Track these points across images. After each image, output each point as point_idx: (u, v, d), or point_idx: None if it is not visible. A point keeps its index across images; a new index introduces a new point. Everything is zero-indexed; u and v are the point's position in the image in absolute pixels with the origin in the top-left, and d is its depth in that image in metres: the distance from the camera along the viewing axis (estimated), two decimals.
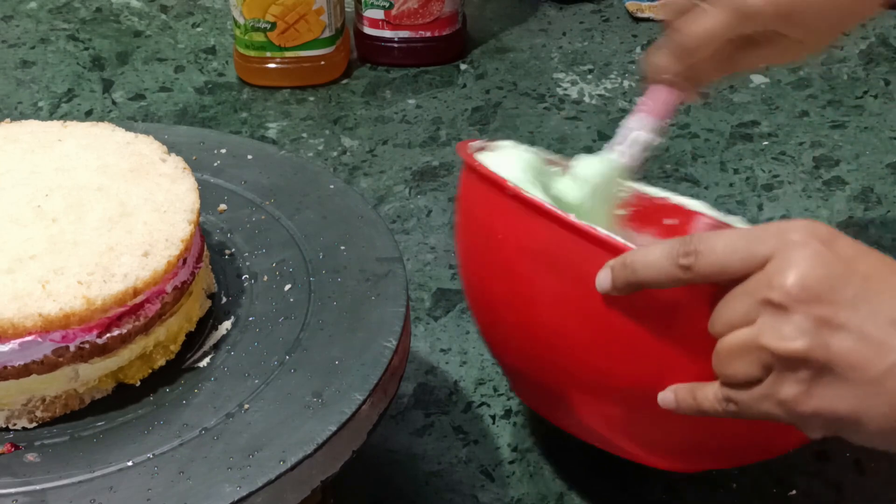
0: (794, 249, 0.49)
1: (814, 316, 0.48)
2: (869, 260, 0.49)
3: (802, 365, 0.48)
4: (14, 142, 0.63)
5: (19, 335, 0.52)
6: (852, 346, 0.47)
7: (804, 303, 0.48)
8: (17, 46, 1.21)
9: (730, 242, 0.50)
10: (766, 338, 0.49)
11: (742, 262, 0.50)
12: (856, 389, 0.48)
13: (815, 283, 0.48)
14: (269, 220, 0.67)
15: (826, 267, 0.48)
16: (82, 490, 0.50)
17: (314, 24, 1.10)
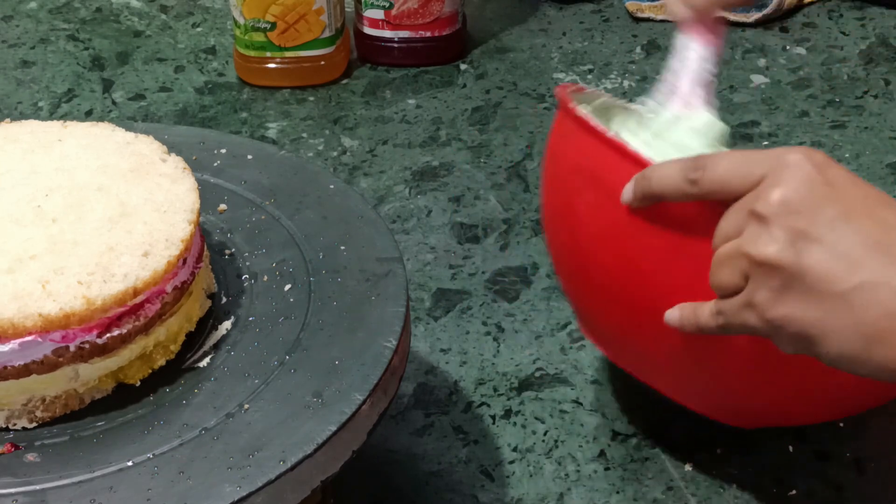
0: (786, 169, 0.51)
1: (791, 227, 0.50)
2: (857, 189, 0.51)
3: (776, 272, 0.51)
4: (14, 142, 0.63)
5: (19, 335, 0.52)
6: (823, 259, 0.50)
7: (784, 215, 0.50)
8: (17, 46, 1.21)
9: (733, 161, 0.54)
10: (746, 245, 0.52)
11: (741, 179, 0.53)
12: (823, 302, 0.50)
13: (797, 199, 0.50)
14: (269, 220, 0.67)
15: (811, 186, 0.51)
16: (82, 490, 0.50)
17: (314, 24, 1.10)
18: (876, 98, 1.09)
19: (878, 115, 1.07)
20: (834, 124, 1.05)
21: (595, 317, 0.68)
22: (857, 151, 1.01)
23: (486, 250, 0.91)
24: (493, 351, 0.81)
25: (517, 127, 1.06)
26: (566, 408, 0.76)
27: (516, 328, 0.83)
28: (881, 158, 1.01)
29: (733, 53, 1.18)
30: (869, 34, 1.20)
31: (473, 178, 0.99)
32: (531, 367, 0.79)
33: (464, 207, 0.96)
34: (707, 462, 0.71)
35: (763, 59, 1.17)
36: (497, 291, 0.86)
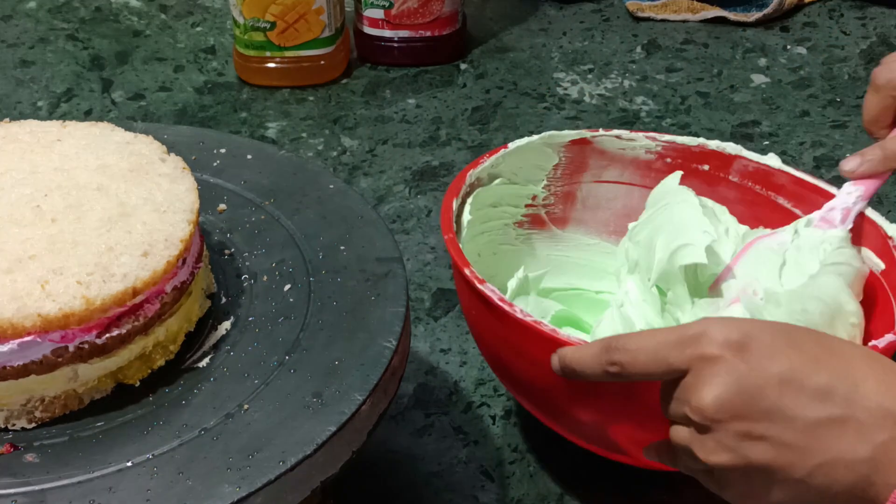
0: (707, 367, 0.51)
1: (733, 432, 0.50)
2: (783, 361, 0.50)
3: (735, 473, 0.51)
4: (13, 141, 0.63)
5: (18, 335, 0.52)
6: (774, 455, 0.50)
7: (722, 421, 0.50)
8: (17, 46, 1.21)
9: (649, 353, 0.53)
10: (696, 450, 0.52)
11: (664, 372, 0.53)
12: (788, 488, 0.50)
13: (729, 402, 0.50)
14: (268, 220, 0.67)
15: (739, 382, 0.50)
16: (81, 490, 0.50)
17: (314, 23, 1.10)
18: None
19: None
20: (834, 124, 1.05)
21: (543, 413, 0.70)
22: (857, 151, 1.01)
23: None
24: None
25: (517, 127, 1.06)
26: None
27: None
28: None
29: (734, 53, 1.18)
30: (870, 33, 1.20)
31: None
32: None
33: None
34: None
35: (764, 59, 1.17)
36: None
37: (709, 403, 0.50)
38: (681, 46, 1.20)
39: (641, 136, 0.78)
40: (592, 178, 0.80)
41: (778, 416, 0.49)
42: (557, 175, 0.79)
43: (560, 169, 0.78)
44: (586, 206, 0.81)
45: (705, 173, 0.77)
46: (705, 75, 1.14)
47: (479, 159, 0.74)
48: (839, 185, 0.72)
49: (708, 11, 1.24)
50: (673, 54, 1.18)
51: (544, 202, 0.80)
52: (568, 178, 0.79)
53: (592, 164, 0.79)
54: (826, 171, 0.98)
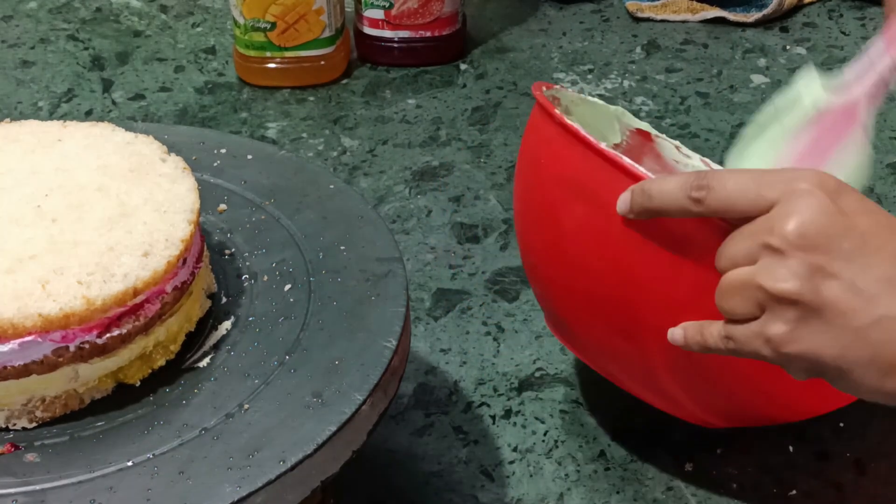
0: (799, 197, 0.50)
1: (808, 262, 0.49)
2: (872, 218, 0.50)
3: (792, 306, 0.50)
4: (14, 142, 0.63)
5: (19, 335, 0.52)
6: (841, 295, 0.49)
7: (801, 249, 0.50)
8: (17, 46, 1.21)
9: (741, 182, 0.52)
10: (761, 278, 0.51)
11: (750, 202, 0.52)
12: (840, 336, 0.50)
13: (813, 233, 0.50)
14: (268, 220, 0.67)
15: (827, 218, 0.50)
16: (82, 490, 0.50)
17: (314, 23, 1.10)
18: None
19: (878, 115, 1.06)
20: None
21: (576, 324, 0.67)
22: None
23: (486, 250, 0.91)
24: (493, 351, 0.81)
25: (517, 127, 1.06)
26: (566, 408, 0.76)
27: (516, 328, 0.83)
28: (881, 158, 1.01)
29: (733, 53, 1.18)
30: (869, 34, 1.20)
31: (473, 178, 0.99)
32: (531, 367, 0.79)
33: (464, 207, 0.96)
34: (707, 462, 0.71)
35: (763, 59, 1.17)
36: (497, 291, 0.86)
37: (793, 228, 0.49)
38: (680, 47, 1.20)
39: (697, 157, 0.76)
40: None
41: (857, 259, 0.49)
42: None
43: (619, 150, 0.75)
44: None
45: None
46: (705, 75, 1.14)
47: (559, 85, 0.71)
48: None
49: (707, 12, 1.24)
50: (672, 55, 1.18)
51: None
52: None
53: (645, 163, 0.77)
54: None
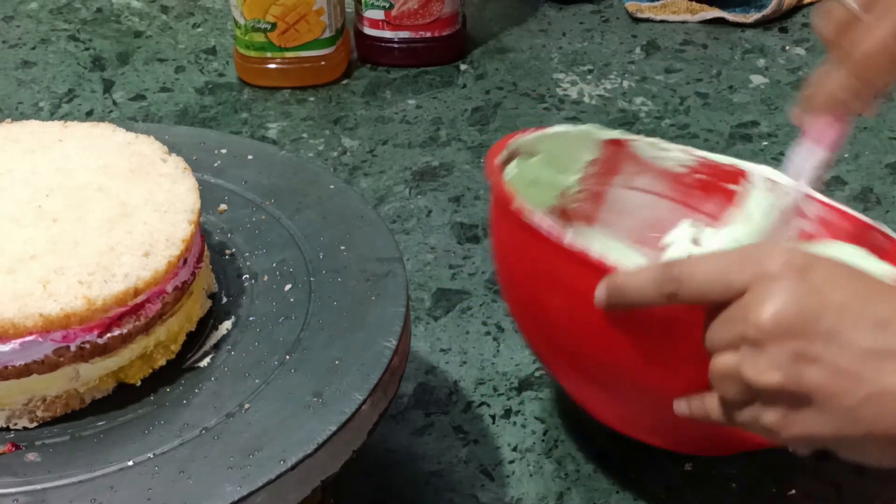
0: (768, 283, 0.50)
1: (788, 350, 0.49)
2: (845, 289, 0.50)
3: (779, 396, 0.50)
4: (15, 142, 0.63)
5: (20, 335, 0.52)
6: (826, 379, 0.49)
7: (778, 338, 0.49)
8: (18, 47, 1.21)
9: (709, 271, 0.52)
10: (744, 370, 0.50)
11: (722, 291, 0.51)
12: (833, 418, 0.49)
13: (788, 319, 0.49)
14: (269, 220, 0.67)
15: (799, 301, 0.49)
16: (83, 490, 0.50)
17: (314, 24, 1.11)
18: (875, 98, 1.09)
19: (877, 116, 1.07)
20: None
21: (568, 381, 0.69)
22: (856, 152, 1.02)
23: (486, 250, 0.91)
24: (493, 351, 0.81)
25: (517, 127, 1.06)
26: (566, 407, 0.76)
27: (516, 328, 0.83)
28: (880, 158, 1.01)
29: (732, 54, 1.18)
30: None
31: (473, 178, 0.99)
32: (531, 366, 0.79)
33: (464, 207, 0.96)
34: (707, 462, 0.71)
35: (762, 60, 1.17)
36: (497, 291, 0.86)
37: (768, 318, 0.49)
38: (680, 47, 1.20)
39: (676, 148, 0.77)
40: (624, 182, 0.78)
41: (835, 339, 0.48)
42: (591, 172, 0.77)
43: (595, 166, 0.77)
44: (614, 209, 0.79)
45: (734, 193, 0.76)
46: (704, 76, 1.14)
47: (524, 131, 0.72)
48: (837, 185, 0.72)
49: (707, 12, 1.24)
50: (672, 55, 1.18)
51: (574, 197, 0.78)
52: (601, 178, 0.78)
53: (625, 169, 0.78)
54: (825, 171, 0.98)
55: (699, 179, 0.77)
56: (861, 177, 0.98)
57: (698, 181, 0.78)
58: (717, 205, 0.77)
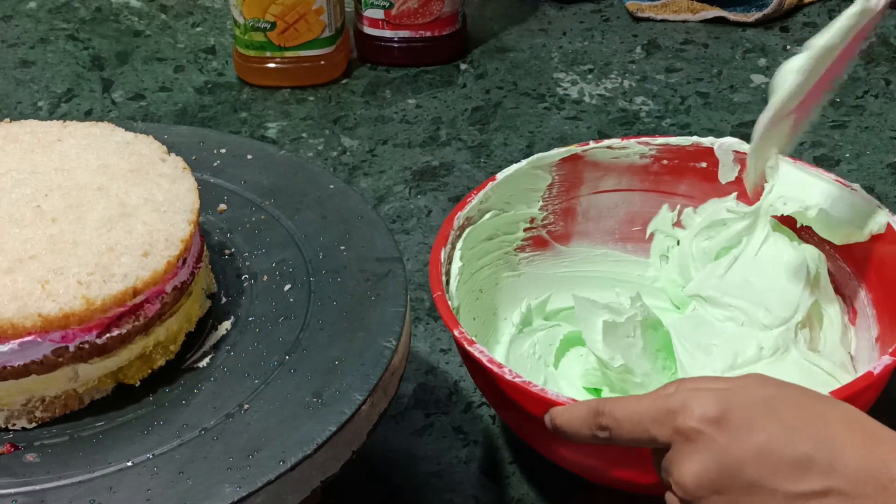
0: (686, 443, 0.51)
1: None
2: (762, 432, 0.50)
3: None
4: (14, 142, 0.63)
5: (19, 335, 0.52)
6: None
7: (703, 497, 0.50)
8: (17, 46, 1.21)
9: (633, 424, 0.53)
10: None
11: (648, 442, 0.53)
12: None
13: (709, 478, 0.50)
14: (268, 220, 0.67)
15: (717, 458, 0.50)
16: (82, 490, 0.50)
17: (314, 23, 1.10)
18: (876, 98, 1.09)
19: (878, 115, 1.07)
20: (834, 124, 1.05)
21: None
22: (857, 151, 1.01)
23: None
24: None
25: (517, 127, 1.06)
26: None
27: None
28: (881, 158, 1.01)
29: (733, 53, 1.18)
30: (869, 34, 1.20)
31: (473, 178, 0.99)
32: None
33: None
34: None
35: (763, 59, 1.17)
36: None
37: (689, 480, 0.50)
38: (680, 47, 1.20)
39: (633, 142, 0.77)
40: (590, 190, 0.79)
41: (759, 489, 0.49)
42: (553, 193, 0.78)
43: (555, 188, 0.78)
44: (588, 218, 0.80)
45: (703, 170, 0.77)
46: (705, 75, 1.14)
47: (465, 199, 0.73)
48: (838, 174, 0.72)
49: (708, 11, 1.24)
50: (673, 54, 1.18)
51: (543, 222, 0.79)
52: (565, 195, 0.79)
53: (588, 177, 0.78)
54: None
55: (666, 165, 0.78)
56: (862, 177, 0.98)
57: (666, 167, 0.78)
58: (690, 185, 0.78)
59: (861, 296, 0.73)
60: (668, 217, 0.79)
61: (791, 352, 0.71)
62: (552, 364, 0.75)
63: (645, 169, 0.78)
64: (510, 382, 0.61)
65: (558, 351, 0.75)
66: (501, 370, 0.61)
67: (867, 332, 0.72)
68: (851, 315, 0.74)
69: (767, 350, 0.71)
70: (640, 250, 0.81)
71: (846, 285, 0.74)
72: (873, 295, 0.72)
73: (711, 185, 0.77)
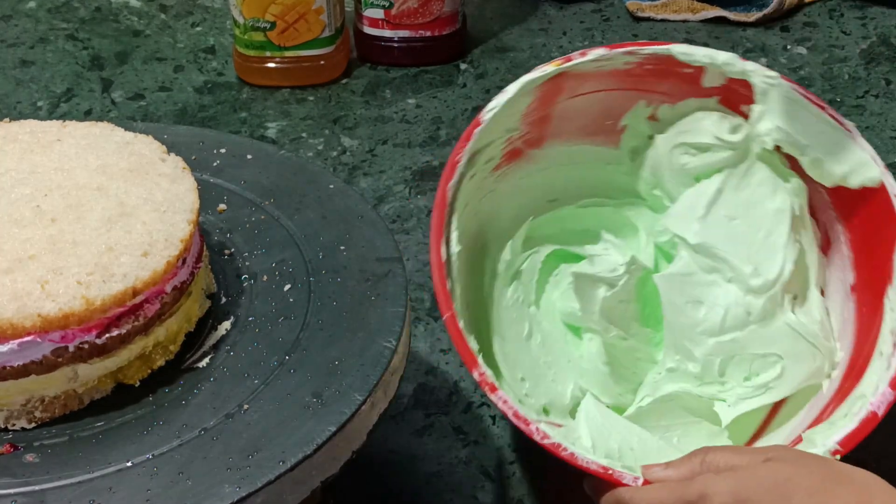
0: None
1: None
2: None
3: None
4: (13, 142, 0.63)
5: (18, 335, 0.52)
6: None
7: None
8: (17, 46, 1.21)
9: None
10: None
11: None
12: None
13: None
14: (268, 220, 0.67)
15: None
16: (81, 490, 0.50)
17: (314, 23, 1.10)
18: (877, 98, 1.09)
19: (879, 115, 1.07)
20: None
21: None
22: None
23: None
24: None
25: None
26: None
27: None
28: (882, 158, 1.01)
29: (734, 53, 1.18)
30: (870, 33, 1.20)
31: None
32: None
33: None
34: None
35: (764, 59, 1.17)
36: None
37: None
38: None
39: (619, 52, 0.72)
40: (569, 95, 0.74)
41: None
42: (532, 108, 0.73)
43: (535, 102, 0.73)
44: (563, 118, 0.75)
45: (688, 74, 0.73)
46: None
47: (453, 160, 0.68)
48: None
49: (708, 11, 1.24)
50: None
51: (520, 135, 0.74)
52: (542, 107, 0.74)
53: (568, 87, 0.74)
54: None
55: (650, 69, 0.74)
56: None
57: (649, 70, 0.74)
58: (672, 85, 0.74)
59: (837, 228, 0.72)
60: (645, 111, 0.76)
61: (777, 316, 0.72)
62: (534, 302, 0.74)
63: (627, 72, 0.74)
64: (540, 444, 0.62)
65: (538, 283, 0.74)
66: (529, 427, 0.62)
67: (841, 273, 0.72)
68: (825, 243, 0.73)
69: (755, 316, 0.72)
70: (611, 143, 0.77)
71: (823, 212, 0.73)
72: (852, 236, 0.71)
73: (693, 88, 0.74)
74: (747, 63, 0.72)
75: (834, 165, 0.71)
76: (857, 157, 0.71)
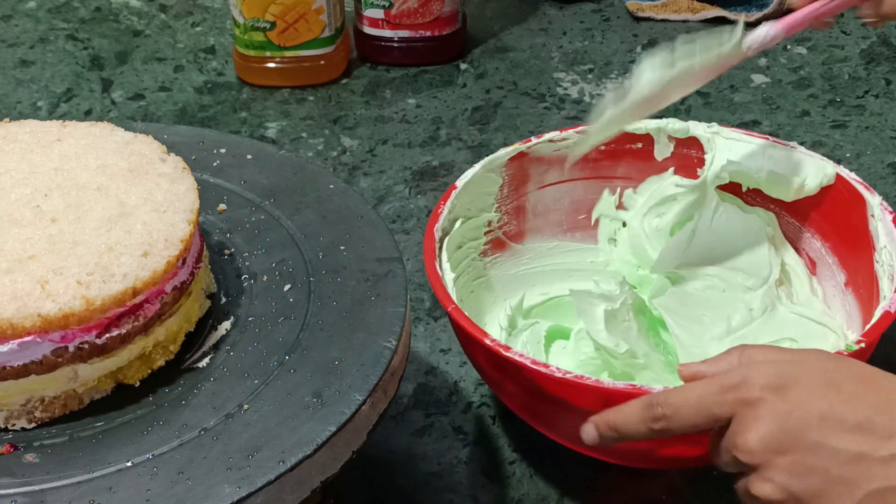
0: (750, 410, 0.52)
1: (782, 467, 0.51)
2: (823, 399, 0.52)
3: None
4: (13, 142, 0.63)
5: (18, 335, 0.52)
6: (821, 487, 0.51)
7: (771, 457, 0.52)
8: (16, 46, 1.21)
9: (692, 406, 0.54)
10: (752, 487, 0.53)
11: (709, 423, 0.54)
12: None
13: (776, 439, 0.51)
14: (268, 220, 0.67)
15: (782, 421, 0.51)
16: (81, 490, 0.50)
17: (314, 23, 1.10)
18: (877, 98, 1.09)
19: (878, 115, 1.07)
20: (835, 124, 1.05)
21: None
22: (857, 151, 1.01)
23: None
24: None
25: (517, 127, 1.06)
26: None
27: None
28: (882, 158, 1.01)
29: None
30: (870, 33, 1.20)
31: None
32: None
33: None
34: None
35: (764, 59, 1.17)
36: None
37: (755, 444, 0.51)
38: None
39: (572, 132, 0.80)
40: (536, 185, 0.81)
41: (823, 449, 0.51)
42: (505, 194, 0.80)
43: (505, 188, 0.80)
44: (537, 213, 0.83)
45: (639, 151, 0.80)
46: None
47: (436, 210, 0.74)
48: None
49: (708, 11, 1.24)
50: None
51: (499, 224, 0.81)
52: (514, 194, 0.81)
53: (533, 173, 0.81)
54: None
55: (603, 151, 0.80)
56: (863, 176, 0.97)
57: (603, 153, 0.80)
58: (628, 166, 0.81)
59: (817, 246, 0.77)
60: (611, 201, 0.82)
61: (778, 308, 0.74)
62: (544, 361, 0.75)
63: (584, 158, 0.80)
64: (561, 380, 0.61)
65: (545, 347, 0.76)
66: (549, 369, 0.61)
67: (832, 280, 0.76)
68: (810, 266, 0.77)
69: (757, 311, 0.74)
70: (588, 237, 0.84)
71: (799, 239, 0.78)
72: (830, 244, 0.76)
73: (648, 164, 0.80)
74: (689, 122, 0.79)
75: (790, 177, 0.75)
76: (807, 164, 0.76)
